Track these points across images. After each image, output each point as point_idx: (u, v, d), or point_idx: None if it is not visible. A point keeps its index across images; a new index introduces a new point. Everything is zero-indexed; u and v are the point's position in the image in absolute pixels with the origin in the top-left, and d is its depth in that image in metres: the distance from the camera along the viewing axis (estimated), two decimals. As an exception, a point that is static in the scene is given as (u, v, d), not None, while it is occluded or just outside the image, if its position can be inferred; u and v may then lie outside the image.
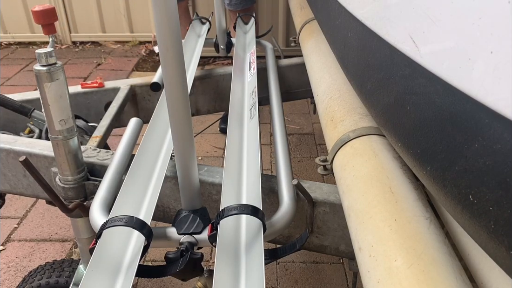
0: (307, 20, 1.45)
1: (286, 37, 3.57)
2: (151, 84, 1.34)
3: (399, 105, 0.50)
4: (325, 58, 1.11)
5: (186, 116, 0.69)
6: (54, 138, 0.89)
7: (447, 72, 0.39)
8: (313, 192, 0.85)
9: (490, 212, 0.34)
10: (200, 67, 3.29)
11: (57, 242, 1.80)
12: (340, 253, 0.89)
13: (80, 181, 0.96)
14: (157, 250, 1.72)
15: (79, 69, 3.50)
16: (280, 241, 0.94)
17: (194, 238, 0.73)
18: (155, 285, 1.59)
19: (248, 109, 1.06)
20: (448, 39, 0.40)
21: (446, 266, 0.47)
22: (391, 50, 0.52)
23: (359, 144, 0.74)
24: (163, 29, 0.60)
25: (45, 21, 1.12)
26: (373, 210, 0.58)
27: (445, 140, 0.40)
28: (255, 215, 0.68)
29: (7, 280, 1.61)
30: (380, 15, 0.58)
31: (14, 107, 1.22)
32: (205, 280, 0.96)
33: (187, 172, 0.75)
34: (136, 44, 4.05)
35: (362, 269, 0.54)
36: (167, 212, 0.98)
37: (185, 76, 0.66)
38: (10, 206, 1.98)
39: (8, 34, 4.05)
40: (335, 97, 0.92)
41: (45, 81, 0.84)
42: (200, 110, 1.70)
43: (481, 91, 0.34)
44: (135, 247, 0.67)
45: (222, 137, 2.47)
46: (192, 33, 1.58)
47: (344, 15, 0.75)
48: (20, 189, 1.11)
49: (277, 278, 1.63)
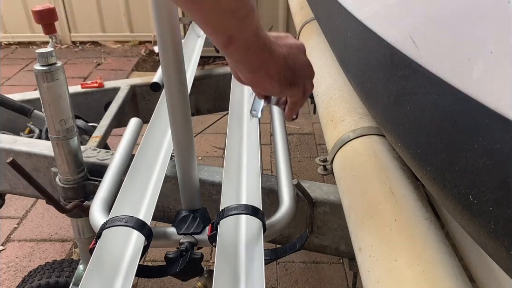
0: (307, 20, 1.45)
1: (286, 37, 3.57)
2: (151, 84, 1.34)
3: (399, 105, 0.50)
4: (325, 58, 1.11)
5: (186, 116, 0.69)
6: (54, 138, 0.89)
7: (447, 72, 0.39)
8: (313, 192, 0.85)
9: (490, 212, 0.34)
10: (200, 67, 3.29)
11: (57, 242, 1.80)
12: (340, 253, 0.89)
13: (80, 181, 0.96)
14: (157, 250, 1.72)
15: (79, 69, 3.50)
16: (280, 241, 0.94)
17: (194, 238, 0.73)
18: (155, 285, 1.59)
19: (248, 109, 1.06)
20: (448, 39, 0.40)
21: (446, 266, 0.47)
22: (391, 50, 0.52)
23: (359, 144, 0.74)
24: (163, 29, 0.60)
25: (45, 21, 1.12)
26: (373, 210, 0.58)
27: (445, 140, 0.40)
28: (255, 215, 0.68)
29: (7, 280, 1.61)
30: (380, 15, 0.58)
31: (14, 107, 1.22)
32: (205, 280, 0.96)
33: (187, 172, 0.75)
34: (136, 44, 4.05)
35: (362, 269, 0.54)
36: (167, 212, 0.98)
37: (185, 76, 0.66)
38: (10, 206, 1.98)
39: (8, 34, 4.05)
40: (335, 97, 0.92)
41: (45, 81, 0.84)
42: (200, 110, 1.70)
43: (481, 91, 0.34)
44: (135, 247, 0.67)
45: (222, 137, 2.47)
46: (192, 33, 1.58)
47: (344, 15, 0.75)
48: (20, 189, 1.11)
49: (277, 278, 1.63)
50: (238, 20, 0.50)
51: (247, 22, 0.51)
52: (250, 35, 0.53)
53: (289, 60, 0.59)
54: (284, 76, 0.59)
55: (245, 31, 0.52)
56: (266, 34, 0.56)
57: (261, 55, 0.56)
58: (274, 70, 0.58)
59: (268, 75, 0.57)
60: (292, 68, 0.60)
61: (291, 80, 0.60)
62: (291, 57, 0.60)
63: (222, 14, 0.49)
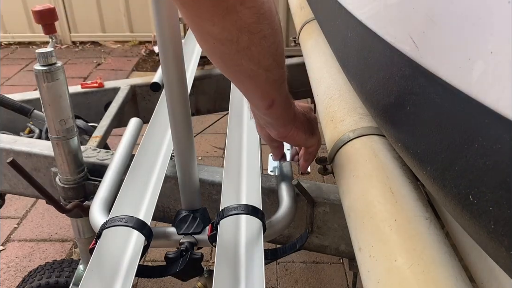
0: (307, 20, 1.45)
1: (286, 37, 3.57)
2: (151, 84, 1.34)
3: (399, 105, 0.50)
4: (325, 58, 1.11)
5: (186, 116, 0.69)
6: (54, 138, 0.89)
7: (447, 72, 0.39)
8: (313, 192, 0.85)
9: (490, 212, 0.34)
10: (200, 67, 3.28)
11: (57, 242, 1.80)
12: (340, 253, 0.89)
13: (80, 181, 0.96)
14: (157, 250, 1.72)
15: (79, 69, 3.50)
16: (280, 241, 0.94)
17: (194, 238, 0.73)
18: (155, 285, 1.59)
19: (248, 109, 1.06)
20: (448, 39, 0.40)
21: (446, 266, 0.47)
22: (391, 50, 0.52)
23: (359, 144, 0.74)
24: (163, 29, 0.60)
25: (45, 21, 1.12)
26: (373, 210, 0.58)
27: (445, 140, 0.40)
28: (255, 215, 0.68)
29: (7, 280, 1.61)
30: (380, 15, 0.58)
31: (14, 107, 1.22)
32: (205, 280, 0.96)
33: (187, 172, 0.75)
34: (136, 44, 4.05)
35: (362, 269, 0.54)
36: (167, 212, 0.98)
37: (185, 76, 0.66)
38: (10, 206, 1.98)
39: (8, 34, 4.05)
40: (335, 97, 0.92)
41: (45, 81, 0.83)
42: (200, 110, 1.70)
43: (481, 92, 0.34)
44: (135, 247, 0.67)
45: (222, 137, 2.47)
46: (192, 33, 1.58)
47: (344, 15, 0.75)
48: (20, 189, 1.11)
49: (277, 278, 1.63)
50: (279, 86, 0.61)
51: (284, 86, 0.62)
52: (285, 95, 0.64)
53: (306, 115, 0.74)
54: (307, 127, 0.73)
55: (283, 93, 0.63)
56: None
57: (291, 111, 0.68)
58: (299, 123, 0.71)
59: (296, 127, 0.70)
60: (309, 121, 0.74)
61: (311, 131, 0.74)
62: (305, 112, 0.74)
63: (271, 84, 0.60)
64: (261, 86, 0.59)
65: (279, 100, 0.63)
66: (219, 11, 0.47)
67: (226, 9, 0.47)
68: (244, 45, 0.51)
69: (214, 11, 0.47)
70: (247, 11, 0.49)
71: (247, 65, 0.54)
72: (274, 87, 0.60)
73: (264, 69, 0.56)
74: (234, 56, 0.53)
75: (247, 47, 0.52)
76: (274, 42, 0.54)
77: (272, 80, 0.59)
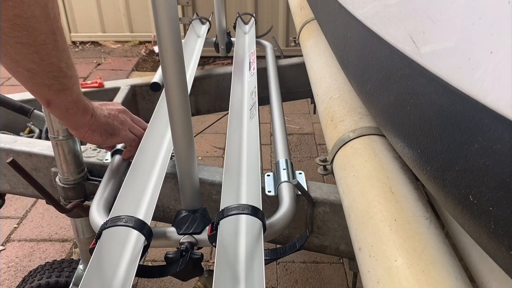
0: (307, 20, 1.45)
1: (286, 37, 3.57)
2: (151, 84, 1.34)
3: (399, 105, 0.50)
4: (325, 58, 1.12)
5: (186, 116, 0.69)
6: (54, 138, 0.89)
7: (447, 72, 0.39)
8: (313, 192, 0.85)
9: (490, 212, 0.34)
10: (200, 67, 3.29)
11: (57, 242, 1.80)
12: (340, 253, 0.89)
13: (80, 181, 0.96)
14: (157, 250, 1.72)
15: (79, 69, 3.50)
16: (280, 241, 0.94)
17: (194, 238, 0.73)
18: (155, 285, 1.59)
19: (248, 109, 1.06)
20: (448, 39, 0.40)
21: (446, 266, 0.47)
22: (391, 50, 0.52)
23: (359, 144, 0.74)
24: (163, 29, 0.60)
25: (45, 21, 1.12)
26: (373, 210, 0.58)
27: (445, 140, 0.40)
28: (255, 215, 0.68)
29: (7, 280, 1.61)
30: (380, 15, 0.58)
31: (14, 107, 1.22)
32: (205, 280, 0.96)
33: (187, 172, 0.75)
34: (136, 44, 4.05)
35: (362, 269, 0.54)
36: (167, 212, 0.98)
37: (185, 76, 0.66)
38: (10, 206, 1.98)
39: (8, 34, 4.05)
40: (335, 97, 0.92)
41: (45, 81, 0.83)
42: (200, 110, 1.70)
43: (481, 92, 0.34)
44: (135, 247, 0.67)
45: (222, 137, 2.47)
46: (192, 33, 1.58)
47: (344, 15, 0.75)
48: (20, 189, 1.11)
49: (277, 278, 1.63)
50: (54, 92, 0.70)
51: (64, 94, 0.72)
52: (67, 102, 0.73)
53: (110, 118, 0.84)
54: (105, 130, 0.83)
55: (62, 99, 0.72)
56: (89, 103, 0.79)
57: (82, 117, 0.78)
58: (96, 126, 0.81)
59: (91, 130, 0.81)
60: (109, 124, 0.84)
61: (110, 132, 0.85)
62: (111, 116, 0.85)
63: (39, 87, 0.69)
64: (28, 83, 0.68)
65: (57, 103, 0.72)
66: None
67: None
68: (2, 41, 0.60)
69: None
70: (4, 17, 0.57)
71: (5, 58, 0.63)
72: (46, 91, 0.69)
73: (25, 69, 0.65)
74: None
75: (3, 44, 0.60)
76: (37, 53, 0.63)
77: (41, 84, 0.67)
